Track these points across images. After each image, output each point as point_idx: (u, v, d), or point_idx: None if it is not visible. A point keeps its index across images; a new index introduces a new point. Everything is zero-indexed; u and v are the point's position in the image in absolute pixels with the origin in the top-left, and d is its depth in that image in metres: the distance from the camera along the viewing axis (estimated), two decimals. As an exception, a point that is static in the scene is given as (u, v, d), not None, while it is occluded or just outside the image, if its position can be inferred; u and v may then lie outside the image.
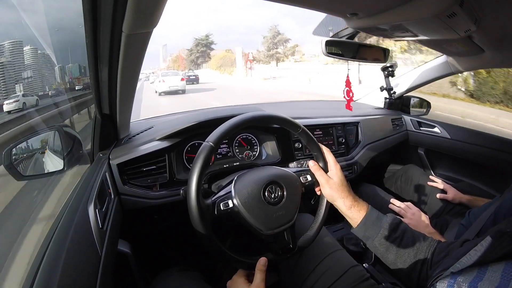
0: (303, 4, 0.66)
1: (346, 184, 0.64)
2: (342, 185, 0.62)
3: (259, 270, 0.55)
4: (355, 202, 0.61)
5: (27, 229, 0.63)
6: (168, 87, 12.05)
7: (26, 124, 1.42)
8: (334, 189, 0.61)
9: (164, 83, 12.15)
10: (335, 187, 0.62)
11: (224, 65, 28.71)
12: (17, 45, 1.73)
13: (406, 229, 0.58)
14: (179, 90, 12.39)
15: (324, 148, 0.68)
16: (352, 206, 0.60)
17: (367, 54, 1.01)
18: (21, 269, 0.46)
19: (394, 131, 1.42)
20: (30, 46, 1.81)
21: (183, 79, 13.22)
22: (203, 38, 35.59)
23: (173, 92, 12.18)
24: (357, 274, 0.64)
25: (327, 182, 0.62)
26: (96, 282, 0.45)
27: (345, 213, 0.61)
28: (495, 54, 1.04)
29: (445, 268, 0.43)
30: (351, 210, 0.60)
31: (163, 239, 1.15)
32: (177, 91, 12.25)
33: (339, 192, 0.61)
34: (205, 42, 35.47)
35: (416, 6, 0.58)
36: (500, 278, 0.35)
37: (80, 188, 0.61)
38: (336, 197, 0.61)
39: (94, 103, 0.72)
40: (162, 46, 54.47)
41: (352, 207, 0.60)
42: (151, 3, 0.43)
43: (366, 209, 0.60)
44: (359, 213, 0.59)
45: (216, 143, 0.57)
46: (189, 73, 23.05)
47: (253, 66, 23.23)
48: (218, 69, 29.31)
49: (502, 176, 1.13)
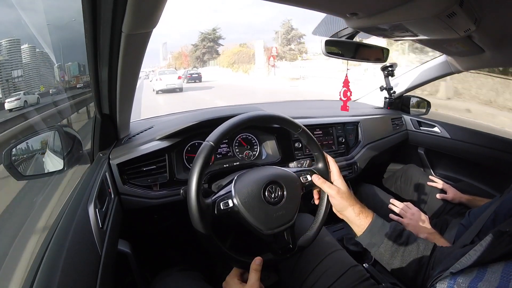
0: (303, 4, 0.65)
1: (351, 192, 0.65)
2: (349, 194, 0.63)
3: (253, 269, 0.55)
4: (363, 208, 0.62)
5: (27, 229, 0.63)
6: (165, 85, 12.15)
7: (26, 123, 1.42)
8: (345, 198, 0.62)
9: (162, 81, 12.24)
10: (345, 196, 0.62)
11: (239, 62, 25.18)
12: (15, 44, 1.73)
13: (410, 235, 0.58)
14: (176, 88, 12.49)
15: (329, 158, 0.68)
16: (360, 212, 0.61)
17: (366, 53, 1.01)
18: (21, 269, 0.46)
19: (394, 131, 1.42)
20: (28, 44, 1.81)
21: (180, 77, 13.26)
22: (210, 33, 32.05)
23: (170, 90, 12.22)
24: (357, 274, 0.64)
25: (338, 193, 0.62)
26: (96, 282, 0.45)
27: (353, 221, 0.61)
28: (495, 54, 1.04)
29: (445, 268, 0.43)
30: (360, 217, 0.60)
31: (163, 239, 1.15)
32: (175, 89, 12.37)
33: (349, 200, 0.62)
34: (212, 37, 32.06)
35: (416, 6, 0.58)
36: (499, 278, 0.35)
37: (80, 188, 0.61)
38: (347, 206, 0.61)
39: (94, 103, 0.72)
40: (162, 44, 54.23)
41: (361, 214, 0.61)
42: (151, 3, 0.43)
43: (372, 216, 0.61)
44: (366, 220, 0.60)
45: (216, 143, 0.56)
46: (191, 71, 22.37)
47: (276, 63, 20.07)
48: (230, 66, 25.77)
49: (502, 176, 1.13)
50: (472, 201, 1.02)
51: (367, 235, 0.59)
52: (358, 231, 0.61)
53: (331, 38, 0.93)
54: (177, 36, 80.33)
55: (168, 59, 47.13)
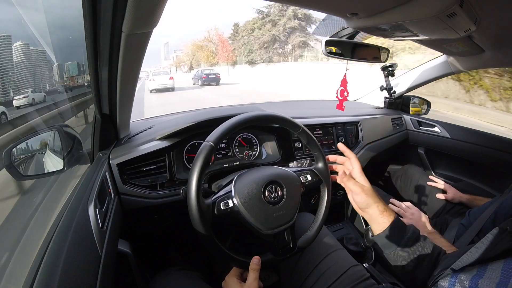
0: (303, 4, 0.66)
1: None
2: (373, 190, 0.62)
3: (252, 269, 0.55)
4: (386, 206, 0.60)
5: (27, 229, 0.63)
6: (157, 85, 13.03)
7: (27, 124, 1.42)
8: (370, 195, 0.61)
9: (154, 82, 13.13)
10: (370, 192, 0.61)
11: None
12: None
13: (426, 239, 0.58)
14: (169, 88, 13.34)
15: (351, 154, 0.67)
16: (385, 210, 0.59)
17: (366, 53, 1.01)
18: (21, 269, 0.46)
19: (394, 131, 1.42)
20: (32, 47, 1.82)
21: (172, 78, 13.86)
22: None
23: (164, 90, 13.03)
24: (357, 273, 0.64)
25: (363, 189, 0.61)
26: (96, 282, 0.45)
27: (376, 218, 0.59)
28: (495, 54, 1.04)
29: (447, 266, 0.43)
30: (383, 215, 0.59)
31: (163, 239, 1.15)
32: (168, 89, 13.24)
33: (374, 197, 0.60)
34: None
35: (416, 6, 0.58)
36: (500, 275, 0.35)
37: (80, 188, 0.61)
38: (371, 203, 0.60)
39: (94, 103, 0.72)
40: (163, 44, 54.06)
41: (385, 212, 0.59)
42: (151, 3, 0.43)
43: (394, 216, 0.59)
44: (388, 218, 0.58)
45: (216, 143, 0.56)
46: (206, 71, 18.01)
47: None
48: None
49: (502, 175, 1.13)
50: (472, 201, 1.02)
51: (387, 233, 0.58)
52: (378, 230, 0.59)
53: (331, 38, 0.93)
54: (180, 36, 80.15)
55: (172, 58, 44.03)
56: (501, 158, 1.13)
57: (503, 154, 1.12)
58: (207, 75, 16.70)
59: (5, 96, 1.75)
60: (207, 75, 16.68)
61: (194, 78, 18.42)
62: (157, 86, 13.06)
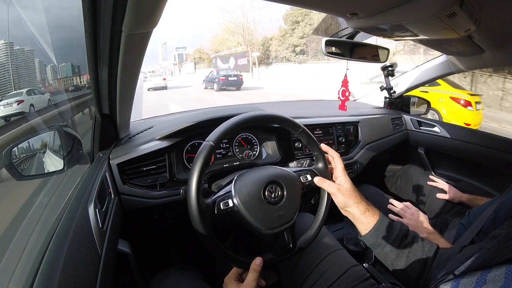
0: (303, 4, 0.66)
1: (357, 189, 0.62)
2: (354, 191, 0.61)
3: (252, 269, 0.54)
4: (369, 206, 0.59)
5: (27, 229, 0.63)
6: (153, 84, 15.94)
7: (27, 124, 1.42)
8: (347, 196, 0.60)
9: (151, 82, 16.25)
10: (347, 193, 0.60)
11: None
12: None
13: (415, 236, 0.57)
14: (163, 87, 16.00)
15: (334, 154, 0.67)
16: (366, 210, 0.58)
17: (366, 53, 1.01)
18: (21, 269, 0.46)
19: (394, 131, 1.42)
20: (29, 47, 1.82)
21: (165, 79, 16.61)
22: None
23: (159, 88, 15.85)
24: (357, 274, 0.64)
25: (339, 190, 0.60)
26: (96, 282, 0.45)
27: (358, 219, 0.59)
28: (495, 54, 1.04)
29: (450, 271, 0.43)
30: (365, 215, 0.58)
31: (163, 239, 1.15)
32: (162, 88, 15.95)
33: (352, 197, 0.60)
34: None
35: (416, 6, 0.58)
36: (504, 279, 0.35)
37: (80, 188, 0.61)
38: (350, 203, 0.59)
39: (94, 103, 0.72)
40: (161, 44, 53.83)
41: (367, 212, 0.58)
42: (151, 3, 0.43)
43: (379, 215, 0.59)
44: (372, 218, 0.58)
45: (216, 143, 0.56)
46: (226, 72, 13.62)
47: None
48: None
49: (502, 175, 1.13)
50: (472, 201, 1.02)
51: (373, 234, 0.57)
52: (363, 230, 0.59)
53: (331, 38, 0.93)
54: (178, 36, 80.00)
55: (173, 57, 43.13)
56: (501, 158, 1.13)
57: (503, 154, 1.12)
58: (226, 77, 12.68)
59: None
60: (226, 77, 12.67)
61: (207, 81, 14.47)
62: (153, 85, 15.95)
